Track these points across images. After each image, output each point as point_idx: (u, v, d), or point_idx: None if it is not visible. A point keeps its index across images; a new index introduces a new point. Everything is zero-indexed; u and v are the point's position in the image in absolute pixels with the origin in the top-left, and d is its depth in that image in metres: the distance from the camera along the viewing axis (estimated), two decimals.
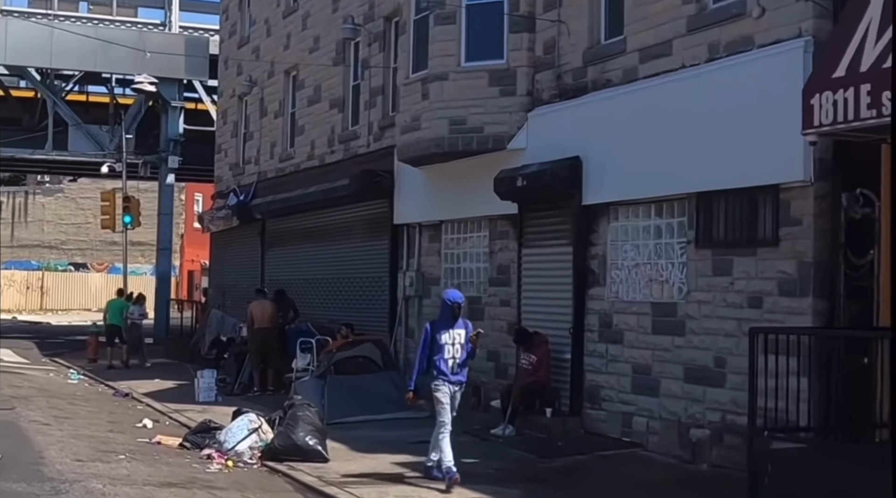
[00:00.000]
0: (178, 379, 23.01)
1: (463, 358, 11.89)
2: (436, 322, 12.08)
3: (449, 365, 11.80)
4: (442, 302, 12.16)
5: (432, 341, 11.79)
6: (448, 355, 11.80)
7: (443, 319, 11.99)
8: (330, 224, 23.24)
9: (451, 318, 11.91)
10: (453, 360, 11.82)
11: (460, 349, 11.84)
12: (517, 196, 16.37)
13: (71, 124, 34.23)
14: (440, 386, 11.77)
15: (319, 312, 23.18)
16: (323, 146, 24.02)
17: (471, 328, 12.05)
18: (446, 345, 11.77)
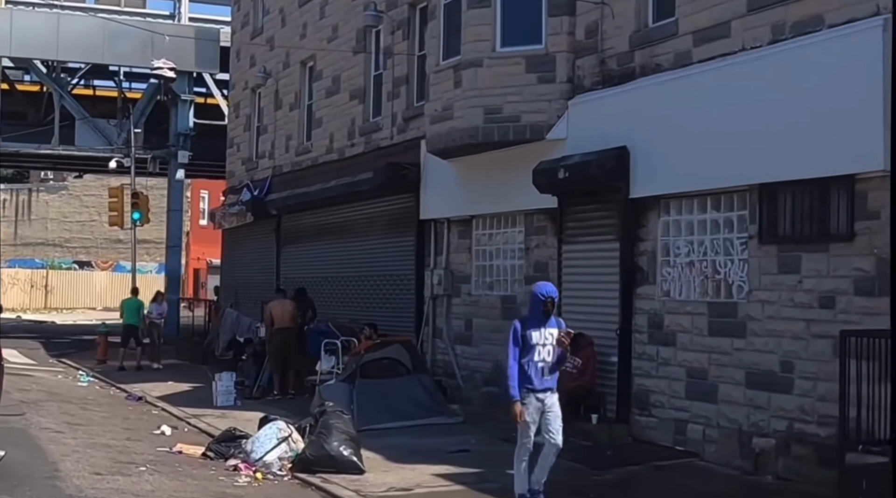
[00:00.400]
0: (192, 381, 22.09)
1: (553, 362, 10.28)
2: (525, 319, 10.43)
3: (538, 369, 10.17)
4: (532, 296, 10.47)
5: (522, 341, 10.15)
6: (538, 358, 10.17)
7: (533, 315, 10.34)
8: (351, 220, 22.30)
9: (542, 314, 10.25)
10: (544, 364, 10.20)
11: (551, 351, 10.23)
12: (558, 189, 15.43)
13: (78, 118, 33.26)
14: (525, 398, 10.13)
15: (339, 312, 22.25)
16: (342, 139, 23.08)
17: (563, 327, 10.41)
18: (537, 346, 10.15)
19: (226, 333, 24.51)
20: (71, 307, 59.28)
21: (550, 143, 15.82)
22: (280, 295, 20.38)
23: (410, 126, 20.24)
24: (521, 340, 10.16)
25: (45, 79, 33.80)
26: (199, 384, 21.56)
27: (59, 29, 31.81)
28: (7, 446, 12.27)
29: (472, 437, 14.83)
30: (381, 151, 21.15)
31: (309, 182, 24.02)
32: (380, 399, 15.97)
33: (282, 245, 26.19)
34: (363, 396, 15.89)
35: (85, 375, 23.99)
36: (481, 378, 17.77)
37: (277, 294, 20.52)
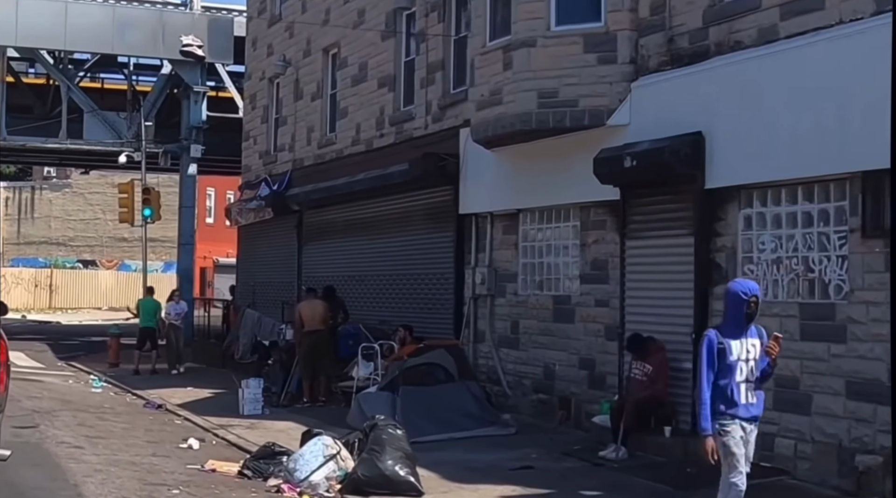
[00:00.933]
0: (213, 387, 20.80)
1: (757, 379, 8.26)
2: (720, 327, 8.34)
3: (742, 392, 8.16)
4: (729, 296, 8.33)
5: (719, 357, 8.14)
6: (740, 377, 8.15)
7: (731, 322, 8.24)
8: (382, 214, 20.96)
9: (743, 320, 8.17)
10: (747, 385, 8.18)
11: (755, 368, 8.22)
12: (622, 179, 14.10)
13: (86, 111, 31.93)
14: (728, 426, 8.15)
15: (368, 313, 20.94)
16: (370, 129, 21.75)
17: (766, 337, 8.30)
18: (738, 362, 8.15)
19: (246, 335, 23.18)
20: (76, 307, 57.96)
21: (610, 130, 14.51)
22: (310, 295, 19.00)
23: (447, 114, 18.93)
24: (718, 356, 8.14)
25: (52, 70, 32.46)
26: (221, 390, 20.29)
27: (67, 18, 30.48)
28: (23, 466, 10.98)
29: (530, 450, 13.53)
30: (415, 142, 19.83)
31: (334, 175, 22.70)
32: (426, 409, 14.66)
33: (304, 242, 24.85)
34: (408, 405, 14.58)
35: (97, 379, 22.68)
36: (530, 385, 16.46)
37: (307, 294, 19.14)
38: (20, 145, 32.07)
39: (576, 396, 15.41)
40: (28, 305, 53.35)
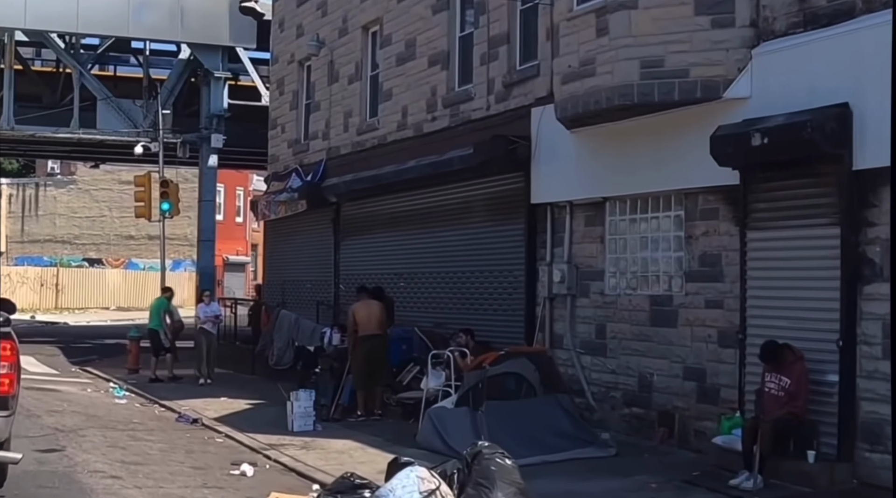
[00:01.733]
0: (248, 397, 18.80)
1: None
2: None
3: None
4: None
5: None
6: None
7: None
8: (436, 205, 18.94)
9: None
10: None
11: None
12: (747, 159, 12.07)
13: (100, 98, 29.88)
14: None
15: (418, 315, 18.95)
16: (420, 112, 19.74)
17: None
18: None
19: (281, 338, 21.15)
20: (83, 307, 55.88)
21: (726, 104, 12.52)
22: (363, 294, 16.89)
23: (514, 93, 16.93)
24: None
25: (63, 55, 30.40)
26: (259, 400, 18.31)
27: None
28: None
29: (644, 477, 11.57)
30: (474, 124, 17.83)
31: (376, 164, 20.69)
32: (514, 427, 12.65)
33: (341, 237, 22.81)
34: (494, 423, 12.56)
35: (118, 388, 20.69)
36: (621, 397, 14.46)
37: (361, 294, 17.04)
38: (29, 135, 30.00)
39: (680, 411, 13.41)
40: (34, 305, 51.22)
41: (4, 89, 29.29)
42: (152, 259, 68.40)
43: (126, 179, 68.84)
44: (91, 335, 37.19)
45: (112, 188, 68.28)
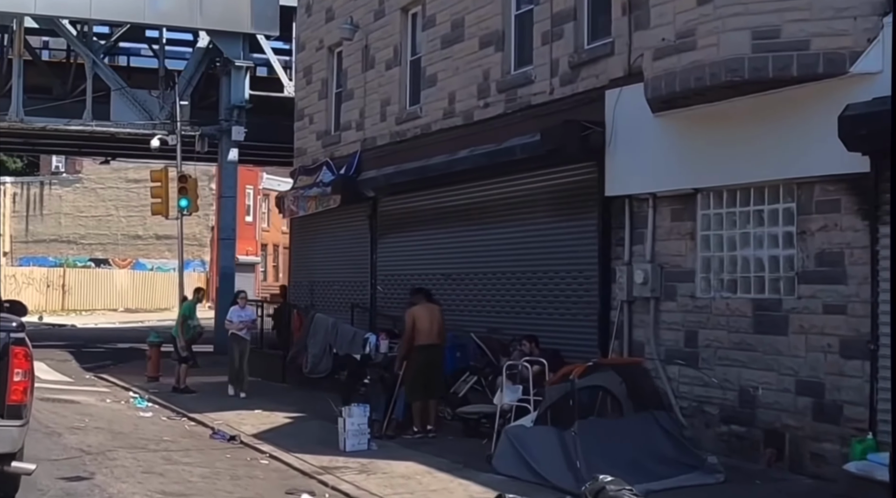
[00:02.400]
0: (284, 408, 17.17)
1: None
2: None
3: None
4: None
5: None
6: None
7: None
8: (492, 199, 17.29)
9: None
10: None
11: None
12: (884, 144, 10.42)
13: (114, 89, 28.21)
14: None
15: (469, 319, 17.31)
16: (470, 99, 18.10)
17: None
18: None
19: (317, 344, 19.46)
20: (90, 309, 54.24)
21: (852, 80, 10.94)
22: (420, 297, 15.15)
23: (582, 74, 15.30)
24: None
25: (75, 42, 28.73)
26: (297, 413, 16.71)
27: None
28: None
29: None
30: (534, 110, 16.21)
31: (419, 155, 19.08)
32: (610, 450, 10.99)
33: (379, 234, 21.15)
34: (589, 446, 10.91)
35: (140, 399, 19.06)
36: (717, 413, 12.83)
37: (416, 296, 15.29)
38: (39, 128, 28.32)
39: (791, 431, 11.79)
40: (40, 307, 49.46)
41: (13, 78, 27.66)
42: (160, 259, 66.86)
43: (133, 178, 67.39)
44: (102, 339, 35.59)
45: (119, 186, 66.68)
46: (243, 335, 19.43)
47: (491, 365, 15.97)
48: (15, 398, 8.67)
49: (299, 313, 21.52)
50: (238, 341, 19.36)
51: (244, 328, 19.52)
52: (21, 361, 8.75)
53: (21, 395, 8.73)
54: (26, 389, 8.79)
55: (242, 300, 19.88)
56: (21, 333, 8.96)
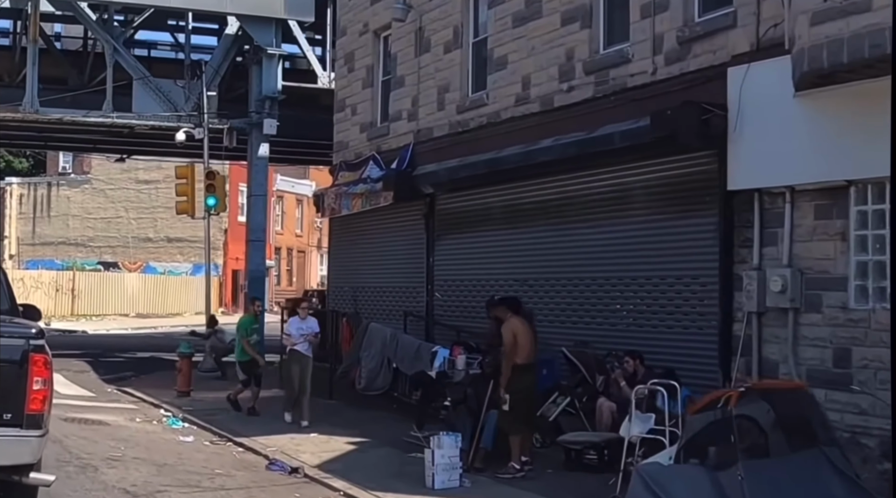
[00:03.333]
0: (343, 432, 15.11)
1: None
2: None
3: None
4: None
5: None
6: None
7: None
8: (580, 195, 15.25)
9: None
10: None
11: None
12: None
13: (136, 78, 26.16)
14: None
15: (553, 332, 15.21)
16: (549, 82, 16.08)
17: None
18: None
19: (372, 357, 17.37)
20: (100, 314, 52.13)
21: None
22: (512, 306, 12.99)
23: (695, 51, 13.29)
24: None
25: (95, 27, 26.66)
26: (361, 439, 14.70)
27: None
28: None
29: None
30: (633, 93, 14.22)
31: (486, 146, 17.10)
32: (778, 496, 8.94)
33: (437, 235, 19.11)
34: (756, 491, 8.84)
35: (174, 419, 17.03)
36: (877, 447, 10.81)
37: (497, 307, 13.19)
38: (56, 120, 26.26)
39: None
40: (49, 312, 47.27)
41: (28, 66, 25.63)
42: (171, 262, 64.79)
43: (143, 178, 65.36)
44: (118, 347, 33.52)
45: (129, 187, 64.66)
46: (304, 351, 16.29)
47: (584, 383, 13.96)
48: (35, 407, 8.48)
49: (349, 322, 19.45)
50: (297, 358, 16.25)
51: (304, 342, 16.33)
52: (41, 369, 8.51)
53: (41, 404, 8.51)
54: (46, 397, 8.57)
55: (304, 310, 16.80)
56: (41, 339, 8.70)
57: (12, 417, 8.40)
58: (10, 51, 28.55)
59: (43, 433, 8.62)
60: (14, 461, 8.40)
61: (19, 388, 8.39)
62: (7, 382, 8.37)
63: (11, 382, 8.37)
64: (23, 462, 8.44)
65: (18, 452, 8.39)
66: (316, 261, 75.14)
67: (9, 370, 8.39)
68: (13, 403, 8.39)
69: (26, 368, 8.41)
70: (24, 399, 8.40)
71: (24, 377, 8.39)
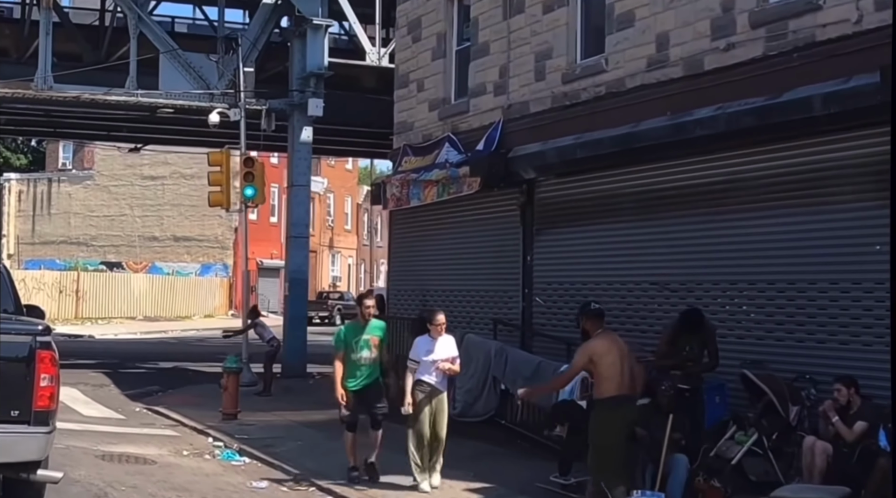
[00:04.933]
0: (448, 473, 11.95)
1: None
2: None
3: None
4: None
5: None
6: None
7: None
8: (748, 177, 12.10)
9: None
10: None
11: None
12: None
13: (162, 51, 23.03)
14: None
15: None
16: (698, 40, 13.03)
17: None
18: None
19: (470, 376, 14.24)
20: (106, 317, 48.96)
21: None
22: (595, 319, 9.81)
23: None
24: None
25: None
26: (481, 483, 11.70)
27: None
28: None
29: None
30: (827, 49, 11.16)
31: (606, 121, 14.13)
32: None
33: (537, 228, 16.04)
34: None
35: (230, 452, 13.94)
36: None
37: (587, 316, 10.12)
38: (73, 97, 23.10)
39: None
40: (52, 315, 44.22)
41: (41, 37, 22.53)
42: (179, 263, 61.58)
43: (149, 174, 62.17)
44: (134, 355, 30.41)
45: (134, 184, 61.53)
46: (436, 384, 11.34)
47: (768, 414, 10.92)
48: (42, 404, 8.58)
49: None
50: (429, 394, 11.30)
51: (436, 371, 11.27)
52: (48, 366, 8.58)
53: (48, 401, 8.62)
54: (53, 394, 8.68)
55: (438, 326, 11.35)
56: (47, 336, 8.82)
57: (20, 414, 8.45)
58: (17, 24, 25.46)
59: (51, 430, 8.68)
60: (22, 458, 8.48)
61: (26, 385, 8.42)
62: (14, 380, 8.41)
63: (19, 380, 8.42)
64: (31, 459, 8.52)
65: (26, 448, 8.47)
66: (328, 261, 72.06)
67: (16, 367, 8.44)
68: (21, 400, 8.44)
69: (33, 365, 8.45)
70: (32, 396, 8.44)
71: (31, 374, 8.43)
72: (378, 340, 11.70)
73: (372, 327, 11.74)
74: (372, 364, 11.65)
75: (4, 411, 8.38)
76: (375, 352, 11.64)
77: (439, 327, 11.29)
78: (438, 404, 11.41)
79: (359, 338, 11.60)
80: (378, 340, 11.70)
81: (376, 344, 11.65)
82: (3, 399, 8.36)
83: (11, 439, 8.31)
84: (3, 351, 8.38)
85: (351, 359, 11.57)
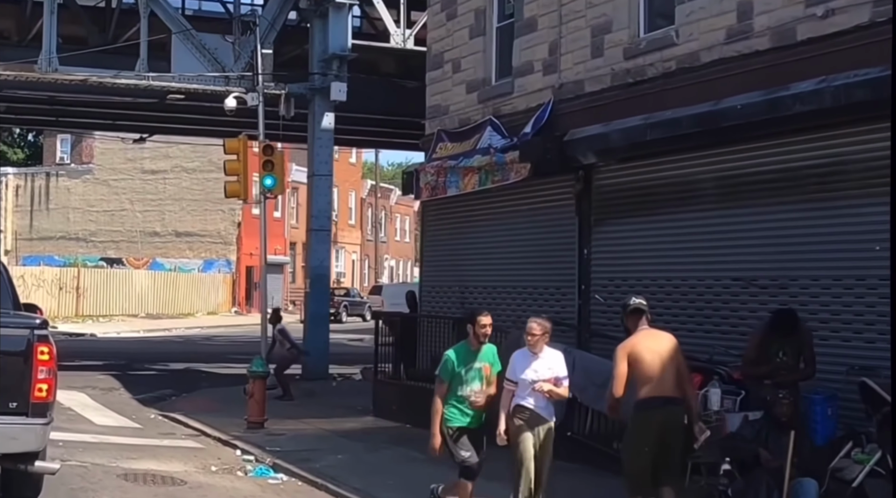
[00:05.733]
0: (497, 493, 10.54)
1: None
2: None
3: None
4: None
5: None
6: None
7: None
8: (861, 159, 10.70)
9: None
10: None
11: None
12: None
13: (175, 31, 21.58)
14: None
15: None
16: (787, 7, 11.63)
17: None
18: None
19: None
20: (107, 314, 47.52)
21: None
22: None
23: None
24: None
25: None
26: None
27: None
28: None
29: None
30: None
31: (677, 99, 12.75)
32: None
33: (595, 219, 14.61)
34: None
35: (263, 466, 12.57)
36: None
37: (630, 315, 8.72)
38: (80, 80, 21.63)
39: None
40: (52, 312, 42.75)
41: (45, 16, 21.10)
42: (180, 259, 60.05)
43: (150, 168, 60.60)
44: (140, 356, 29.02)
45: (134, 178, 60.02)
46: (540, 412, 9.43)
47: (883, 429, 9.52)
48: (40, 396, 8.72)
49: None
50: (529, 422, 9.35)
51: (538, 393, 9.36)
52: (45, 359, 8.69)
53: (46, 393, 8.76)
54: (52, 387, 8.82)
55: (537, 336, 9.38)
56: (45, 329, 8.96)
57: (18, 406, 8.65)
58: (18, 4, 24.02)
59: (48, 421, 8.86)
60: (20, 449, 8.65)
61: (24, 377, 8.62)
62: (12, 372, 8.60)
63: (17, 372, 8.62)
64: (29, 450, 8.70)
65: (24, 440, 8.65)
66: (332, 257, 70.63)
67: (14, 360, 8.62)
68: (19, 392, 8.65)
69: (31, 358, 8.64)
70: (30, 388, 8.63)
71: (28, 367, 8.62)
72: (490, 368, 9.51)
73: (485, 353, 9.54)
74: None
75: (3, 403, 8.54)
76: (486, 384, 9.45)
77: (537, 338, 9.41)
78: (546, 438, 9.43)
79: (470, 365, 9.38)
80: (490, 368, 9.51)
81: (488, 373, 9.49)
82: (2, 391, 8.53)
83: (10, 431, 8.51)
84: (1, 344, 8.50)
85: (457, 393, 9.35)
